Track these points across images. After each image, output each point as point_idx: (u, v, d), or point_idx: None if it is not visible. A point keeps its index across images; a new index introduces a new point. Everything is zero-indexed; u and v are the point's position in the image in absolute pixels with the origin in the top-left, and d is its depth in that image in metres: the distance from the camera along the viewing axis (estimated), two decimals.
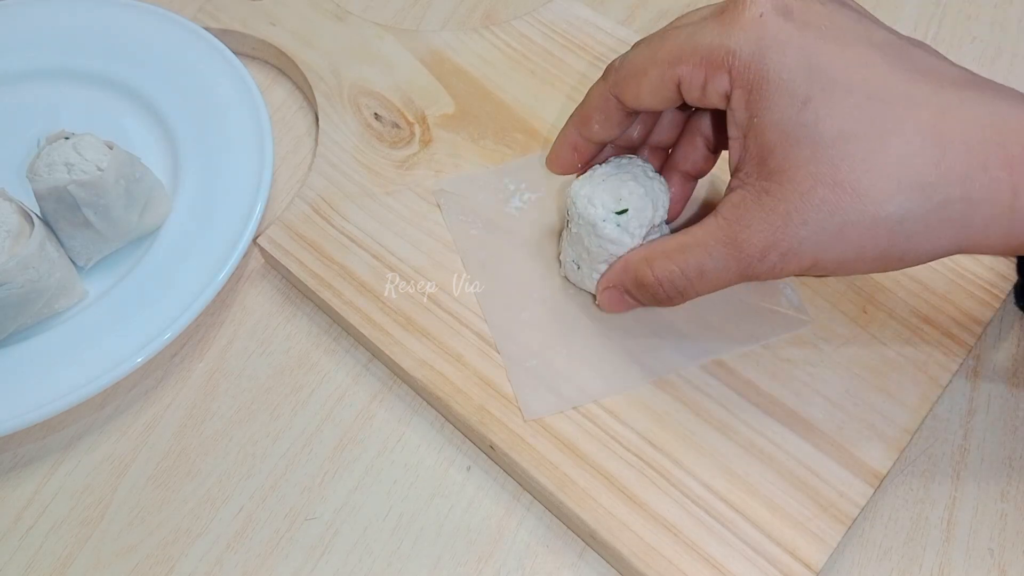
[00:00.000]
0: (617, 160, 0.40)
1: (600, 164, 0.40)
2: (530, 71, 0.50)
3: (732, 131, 0.34)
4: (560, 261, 0.42)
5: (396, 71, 0.51)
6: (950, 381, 0.40)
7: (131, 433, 0.43)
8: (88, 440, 0.43)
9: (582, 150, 0.40)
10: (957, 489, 0.39)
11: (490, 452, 0.40)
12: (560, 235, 0.44)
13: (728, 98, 0.34)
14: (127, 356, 0.42)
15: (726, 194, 0.35)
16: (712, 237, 0.34)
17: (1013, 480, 0.40)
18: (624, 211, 0.38)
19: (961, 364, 0.40)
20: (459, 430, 0.42)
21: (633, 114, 0.38)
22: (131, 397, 0.44)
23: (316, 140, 0.50)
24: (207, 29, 0.53)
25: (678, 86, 0.35)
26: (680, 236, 0.36)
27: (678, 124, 0.41)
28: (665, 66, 0.35)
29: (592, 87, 0.39)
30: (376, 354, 0.43)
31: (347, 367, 0.44)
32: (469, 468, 0.41)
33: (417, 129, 0.49)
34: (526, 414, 0.39)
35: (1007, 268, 0.42)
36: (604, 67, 0.39)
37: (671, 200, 0.40)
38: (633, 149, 0.41)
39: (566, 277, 0.42)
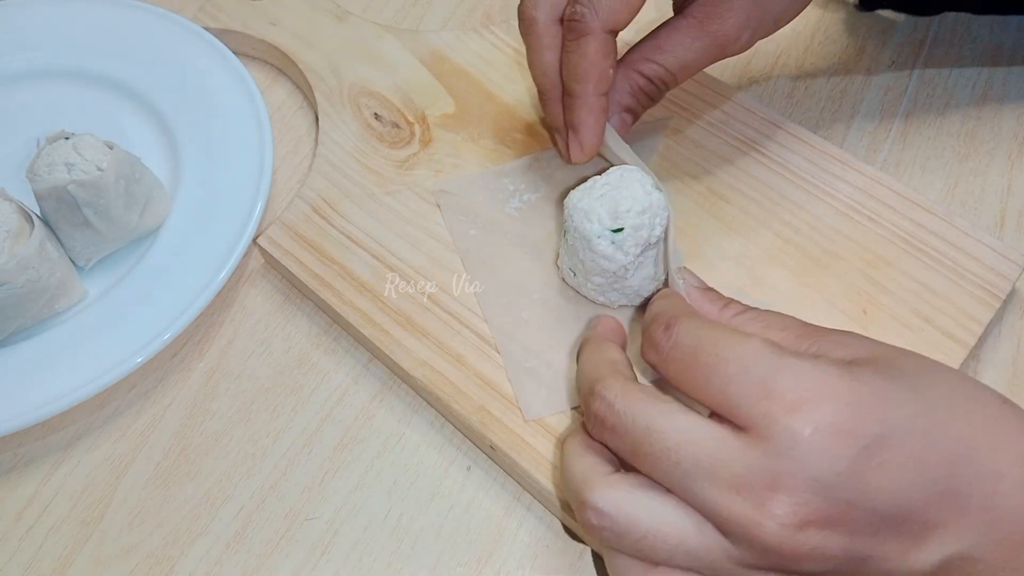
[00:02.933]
0: (619, 171, 0.39)
1: (600, 175, 0.39)
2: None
3: None
4: (558, 265, 0.42)
5: (396, 71, 0.51)
6: None
7: (131, 433, 0.43)
8: (88, 440, 0.43)
9: (606, 108, 0.41)
10: None
11: (490, 452, 0.40)
12: (560, 236, 0.44)
13: None
14: (127, 356, 0.42)
15: (683, 6, 0.40)
16: (686, 36, 0.40)
17: None
18: (620, 229, 0.37)
19: (961, 364, 0.40)
20: (459, 430, 0.42)
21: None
22: (131, 397, 0.44)
23: (316, 140, 0.50)
24: (207, 29, 0.53)
25: None
26: (654, 41, 0.41)
27: None
28: None
29: (581, 50, 0.39)
30: (376, 354, 0.43)
31: (347, 367, 0.44)
32: (469, 468, 0.41)
33: (417, 129, 0.49)
34: (526, 414, 0.39)
35: (1008, 268, 0.42)
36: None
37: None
38: None
39: (564, 280, 0.42)
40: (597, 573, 0.38)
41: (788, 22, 0.42)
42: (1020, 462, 0.29)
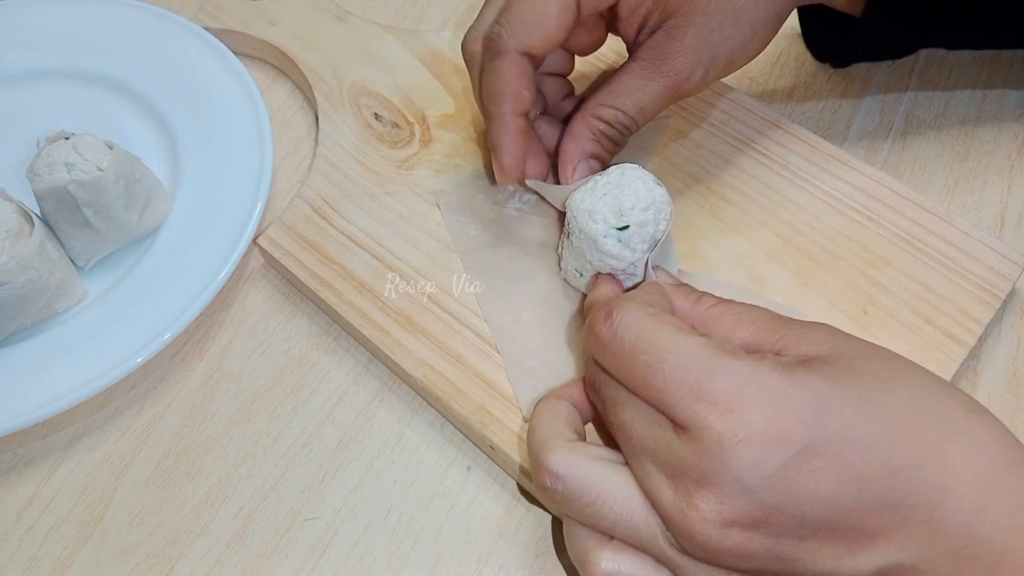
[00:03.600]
0: (619, 169, 0.39)
1: (601, 174, 0.39)
2: None
3: (625, 9, 0.40)
4: (560, 266, 0.42)
5: (396, 71, 0.51)
6: (950, 381, 0.40)
7: (131, 433, 0.43)
8: (88, 440, 0.43)
9: (523, 129, 0.40)
10: None
11: (490, 452, 0.40)
12: (560, 237, 0.44)
13: None
14: (127, 356, 0.42)
15: (634, 50, 0.41)
16: (639, 78, 0.40)
17: None
18: (626, 227, 0.37)
19: (961, 364, 0.40)
20: (459, 430, 0.42)
21: (539, 64, 0.40)
22: (131, 397, 0.44)
23: (316, 140, 0.50)
24: (207, 29, 0.53)
25: (578, 3, 0.38)
26: (609, 87, 0.41)
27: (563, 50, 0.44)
28: None
29: (496, 70, 0.39)
30: (376, 354, 0.43)
31: (347, 367, 0.44)
32: (469, 468, 0.41)
33: (417, 129, 0.49)
34: (526, 414, 0.39)
35: (1008, 268, 0.42)
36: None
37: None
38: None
39: (565, 280, 0.42)
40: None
41: (743, 64, 0.42)
42: (971, 477, 0.28)
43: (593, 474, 0.32)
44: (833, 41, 0.46)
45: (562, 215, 0.45)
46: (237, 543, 0.40)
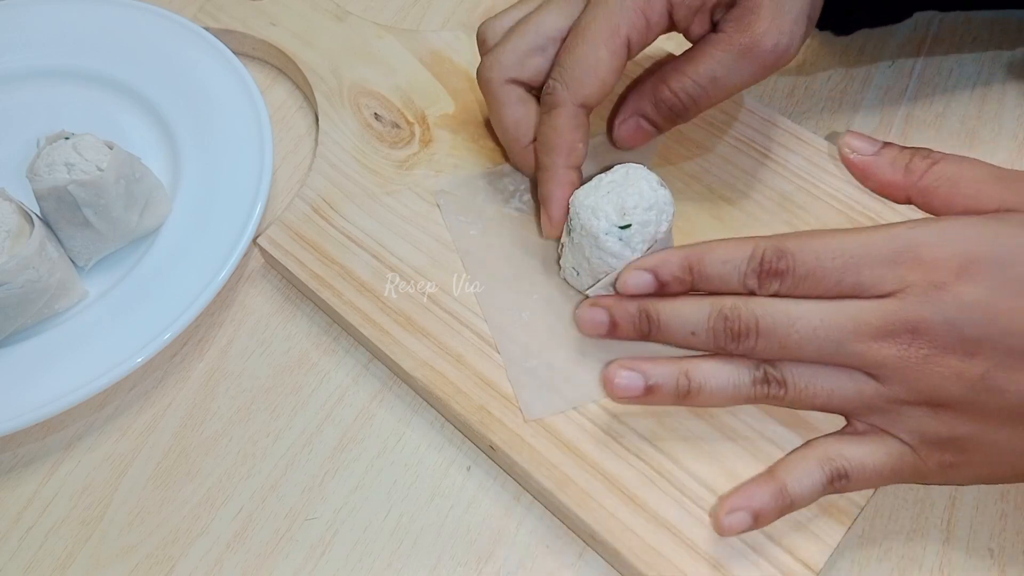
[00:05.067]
0: (623, 168, 0.39)
1: (605, 172, 0.39)
2: None
3: (683, 22, 0.40)
4: (560, 264, 0.42)
5: (396, 71, 0.51)
6: None
7: (131, 433, 0.43)
8: (88, 440, 0.43)
9: (575, 182, 0.41)
10: (957, 489, 0.39)
11: (490, 452, 0.40)
12: (560, 237, 0.44)
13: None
14: (127, 356, 0.42)
15: (718, 27, 0.40)
16: (719, 49, 0.39)
17: None
18: (628, 226, 0.37)
19: None
20: (459, 430, 0.42)
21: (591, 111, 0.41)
22: (131, 397, 0.44)
23: (316, 140, 0.50)
24: (207, 29, 0.53)
25: (628, 46, 0.39)
26: (687, 54, 0.41)
27: None
28: (611, 41, 0.38)
29: (552, 122, 0.40)
30: (376, 354, 0.43)
31: (347, 367, 0.44)
32: (469, 468, 0.41)
33: (417, 129, 0.49)
34: (526, 414, 0.39)
35: None
36: None
37: None
38: None
39: (565, 280, 0.42)
40: (597, 573, 0.38)
41: (815, 21, 0.42)
42: None
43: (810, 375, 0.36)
44: (834, 9, 0.46)
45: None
46: (237, 543, 0.40)
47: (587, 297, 0.42)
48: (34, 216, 0.43)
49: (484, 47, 0.44)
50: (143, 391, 0.44)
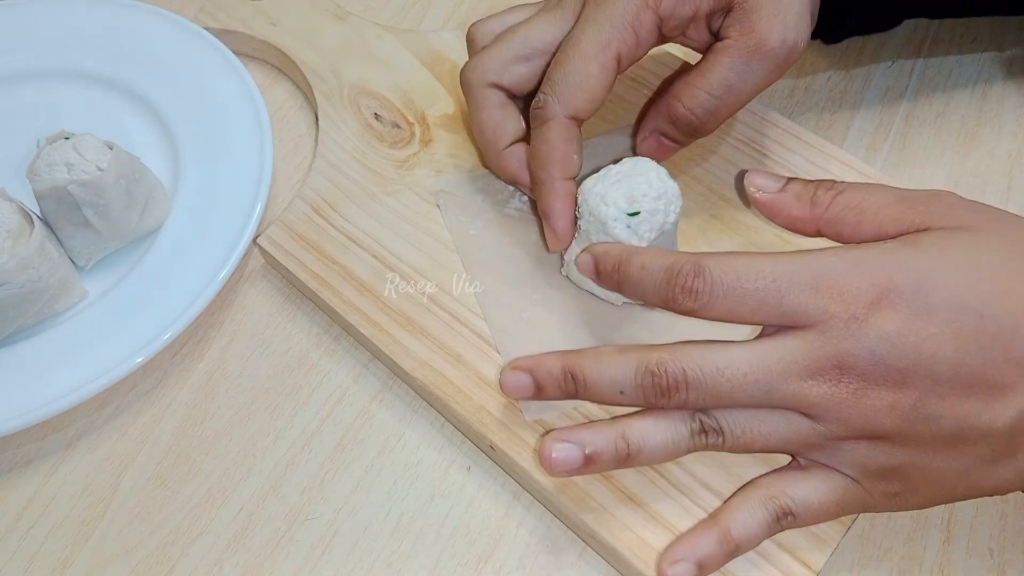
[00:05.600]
0: (632, 160, 0.39)
1: (614, 164, 0.40)
2: None
3: (674, 31, 0.41)
4: (563, 260, 0.42)
5: (396, 71, 0.51)
6: None
7: (131, 433, 0.43)
8: (88, 440, 0.43)
9: (573, 193, 0.40)
10: None
11: (490, 452, 0.40)
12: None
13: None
14: (127, 356, 0.42)
15: (721, 34, 0.40)
16: (727, 56, 0.39)
17: None
18: (636, 213, 0.38)
19: None
20: (459, 430, 0.42)
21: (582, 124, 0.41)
22: (131, 397, 0.44)
23: (316, 140, 0.50)
24: (207, 29, 0.53)
25: (618, 60, 0.39)
26: (697, 67, 0.40)
27: None
28: (602, 56, 0.39)
29: (544, 135, 0.40)
30: (376, 354, 0.43)
31: (347, 367, 0.44)
32: (469, 468, 0.41)
33: (417, 129, 0.49)
34: (526, 414, 0.39)
35: None
36: None
37: None
38: None
39: (567, 276, 0.42)
40: (597, 573, 0.38)
41: (815, 15, 0.42)
42: None
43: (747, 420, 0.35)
44: (823, 17, 0.46)
45: None
46: (237, 543, 0.40)
47: (590, 292, 0.42)
48: (34, 216, 0.43)
49: (472, 48, 0.44)
50: (143, 391, 0.44)
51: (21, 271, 0.41)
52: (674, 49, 0.51)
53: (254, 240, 0.46)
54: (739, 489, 0.36)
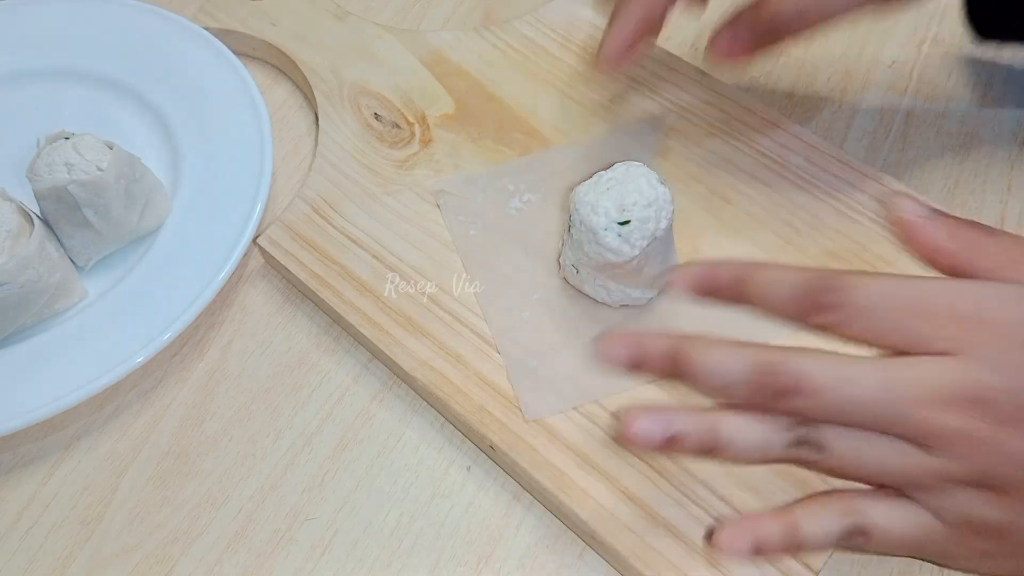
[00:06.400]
0: (624, 166, 0.39)
1: (605, 170, 0.39)
2: (530, 71, 0.50)
3: None
4: (560, 263, 0.42)
5: (396, 71, 0.51)
6: None
7: (131, 433, 0.43)
8: (88, 440, 0.43)
9: (647, 31, 0.39)
10: None
11: (490, 452, 0.40)
12: (561, 236, 0.44)
13: None
14: (127, 356, 0.42)
15: None
16: None
17: None
18: (627, 222, 0.38)
19: None
20: (459, 430, 0.42)
21: None
22: (131, 397, 0.44)
23: (316, 140, 0.50)
24: (207, 29, 0.53)
25: None
26: None
27: None
28: None
29: None
30: (376, 354, 0.43)
31: (347, 367, 0.44)
32: (469, 468, 0.41)
33: (417, 129, 0.49)
34: (526, 414, 0.39)
35: None
36: None
37: None
38: None
39: (565, 279, 0.42)
40: (597, 573, 0.38)
41: None
42: None
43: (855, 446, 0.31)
44: (996, 18, 0.44)
45: (563, 215, 0.45)
46: (237, 543, 0.40)
47: (588, 295, 0.42)
48: (34, 216, 0.43)
49: None
50: (143, 391, 0.44)
51: (21, 271, 0.41)
52: (674, 49, 0.51)
53: (254, 240, 0.46)
54: (819, 493, 0.33)
